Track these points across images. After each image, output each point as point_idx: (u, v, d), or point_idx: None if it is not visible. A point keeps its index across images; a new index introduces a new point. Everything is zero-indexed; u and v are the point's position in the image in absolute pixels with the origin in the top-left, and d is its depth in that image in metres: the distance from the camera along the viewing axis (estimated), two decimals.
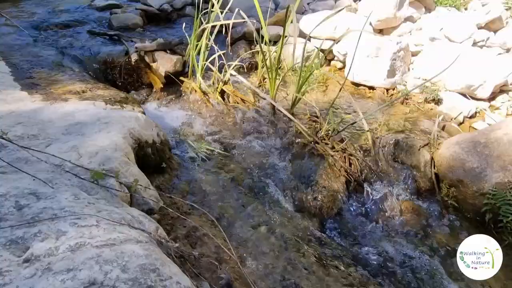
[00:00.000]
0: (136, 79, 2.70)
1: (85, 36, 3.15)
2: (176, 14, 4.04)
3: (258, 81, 2.91)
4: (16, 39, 3.01)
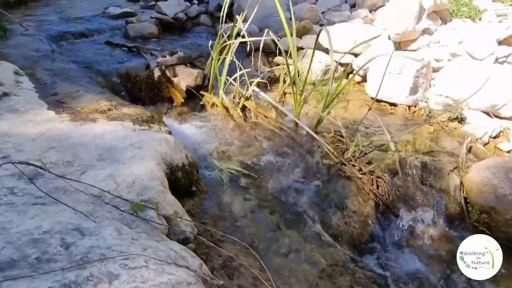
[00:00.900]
0: (157, 93, 2.68)
1: (103, 47, 3.13)
2: (190, 22, 4.03)
3: (279, 96, 2.89)
4: (35, 49, 2.99)
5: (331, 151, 2.17)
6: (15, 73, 2.30)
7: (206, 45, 3.55)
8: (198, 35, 3.81)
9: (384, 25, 3.50)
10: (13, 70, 2.32)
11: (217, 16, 4.19)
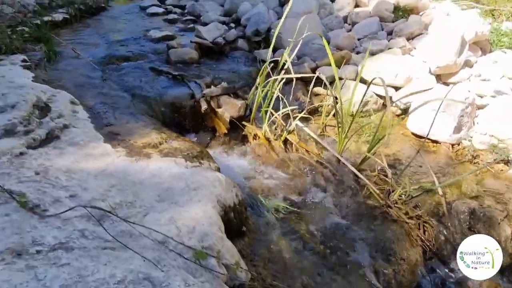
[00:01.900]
0: (201, 122, 2.75)
1: (148, 73, 3.23)
2: (228, 47, 4.11)
3: (320, 129, 2.91)
4: (84, 74, 3.11)
5: (377, 192, 2.17)
6: (72, 103, 2.41)
7: (244, 71, 3.65)
8: (236, 60, 3.88)
9: (424, 57, 3.49)
10: (69, 99, 2.42)
11: (255, 41, 4.29)
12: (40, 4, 4.66)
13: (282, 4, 4.74)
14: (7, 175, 1.56)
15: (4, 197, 1.43)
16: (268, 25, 4.28)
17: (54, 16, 4.53)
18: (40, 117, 2.08)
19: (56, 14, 4.61)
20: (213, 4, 5.44)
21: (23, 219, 1.37)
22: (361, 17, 4.56)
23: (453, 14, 4.58)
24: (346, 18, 4.73)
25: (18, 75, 2.72)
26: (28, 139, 1.83)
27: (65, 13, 4.72)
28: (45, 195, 1.52)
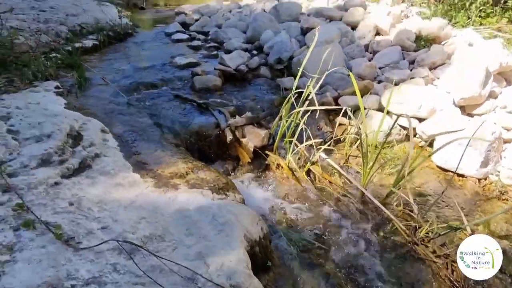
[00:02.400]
0: (225, 151, 2.79)
1: (174, 100, 3.31)
2: (251, 74, 4.19)
3: (343, 160, 2.91)
4: (112, 101, 3.22)
5: (402, 228, 2.14)
6: (102, 131, 2.49)
7: (267, 99, 3.70)
8: (258, 88, 3.94)
9: (448, 87, 3.48)
10: (100, 128, 2.51)
11: (277, 69, 4.37)
12: (72, 31, 4.88)
13: (304, 33, 4.83)
14: (43, 206, 1.62)
15: (41, 229, 1.49)
16: (290, 54, 4.36)
17: (85, 42, 4.73)
18: (73, 146, 2.16)
19: (86, 40, 4.81)
20: (235, 31, 5.59)
21: (59, 251, 1.41)
22: (383, 46, 4.60)
23: (476, 43, 4.57)
24: (368, 47, 4.78)
25: (52, 101, 2.84)
26: (62, 169, 1.89)
27: (94, 39, 4.92)
28: (79, 226, 1.57)
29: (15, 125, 2.20)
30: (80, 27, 5.14)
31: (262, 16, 5.22)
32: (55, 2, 6.37)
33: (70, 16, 5.46)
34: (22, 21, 4.57)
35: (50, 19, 5.00)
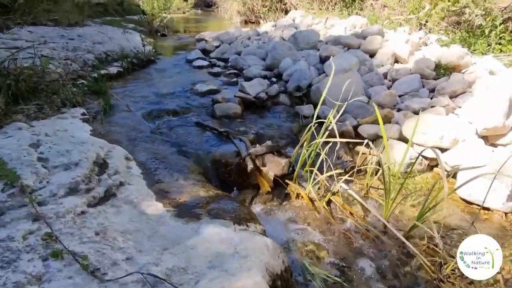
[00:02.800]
0: (245, 179, 2.80)
1: (195, 128, 3.38)
2: (270, 101, 4.25)
3: (364, 190, 2.88)
4: (135, 128, 3.31)
5: (427, 264, 2.08)
6: (126, 159, 2.55)
7: (286, 126, 3.73)
8: (278, 115, 3.99)
9: (470, 117, 3.43)
10: (124, 155, 2.57)
11: (296, 96, 4.42)
12: (98, 59, 5.08)
13: (322, 61, 4.90)
14: (70, 235, 1.65)
15: (68, 259, 1.51)
16: (309, 81, 4.42)
17: (110, 69, 4.91)
18: (99, 174, 2.21)
19: (111, 67, 5.00)
20: (255, 58, 5.71)
21: (85, 282, 1.43)
22: (402, 74, 4.61)
23: (497, 70, 4.54)
24: (386, 75, 4.80)
25: (79, 128, 2.93)
26: (89, 198, 1.94)
27: (119, 66, 5.11)
28: (104, 257, 1.59)
29: (45, 153, 2.28)
30: (106, 54, 5.35)
31: (281, 44, 5.33)
32: (82, 30, 6.69)
33: (97, 44, 5.70)
34: (52, 49, 4.79)
35: (78, 47, 5.23)
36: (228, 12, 14.96)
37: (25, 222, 1.65)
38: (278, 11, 12.78)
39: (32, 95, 3.31)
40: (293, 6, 12.36)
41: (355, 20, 8.01)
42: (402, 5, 8.89)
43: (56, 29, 6.54)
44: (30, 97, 3.28)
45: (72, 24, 7.41)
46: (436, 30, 7.37)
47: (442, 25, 7.38)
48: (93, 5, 11.31)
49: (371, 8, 10.41)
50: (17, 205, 1.74)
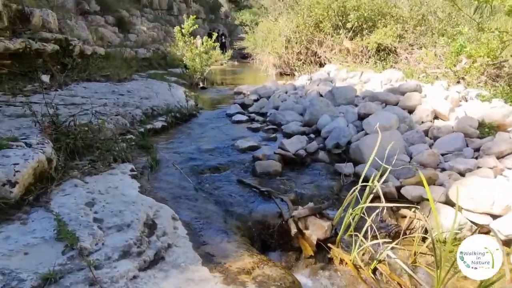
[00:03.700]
0: (287, 241, 2.78)
1: (236, 186, 3.45)
2: (309, 158, 4.28)
3: (411, 258, 2.77)
4: (179, 185, 3.42)
5: None
6: (173, 218, 2.63)
7: (327, 185, 3.72)
8: (317, 173, 4.00)
9: None
10: (171, 215, 2.65)
11: (335, 153, 4.44)
12: (145, 114, 5.41)
13: (361, 118, 4.94)
14: None
15: None
16: (348, 139, 4.44)
17: (155, 124, 5.19)
18: (148, 236, 2.28)
19: (156, 122, 5.29)
20: (292, 113, 5.85)
21: None
22: (443, 132, 4.55)
23: None
24: (427, 132, 4.75)
25: (128, 185, 3.07)
26: (140, 261, 2.00)
27: (163, 121, 5.39)
28: None
29: (99, 212, 2.41)
30: (152, 109, 5.69)
31: (319, 100, 5.46)
32: (131, 85, 7.19)
33: (144, 99, 6.09)
34: (104, 105, 5.16)
35: (127, 102, 5.60)
36: (264, 64, 15.57)
37: (82, 286, 1.72)
38: (312, 63, 13.16)
39: (86, 150, 3.55)
40: (327, 59, 12.71)
41: (391, 74, 8.11)
42: (438, 59, 8.94)
43: (108, 84, 7.09)
44: (84, 153, 3.51)
45: (122, 79, 8.01)
46: (475, 84, 7.29)
47: (481, 79, 7.31)
48: (139, 60, 12.20)
49: (405, 61, 10.53)
50: (75, 268, 1.83)
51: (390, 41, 10.58)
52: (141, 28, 16.13)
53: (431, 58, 8.66)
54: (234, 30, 31.20)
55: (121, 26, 14.38)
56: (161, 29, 19.48)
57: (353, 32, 11.79)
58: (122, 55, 10.68)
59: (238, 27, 30.43)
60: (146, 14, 20.21)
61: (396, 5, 11.81)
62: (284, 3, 16.20)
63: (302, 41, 13.17)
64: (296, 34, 13.15)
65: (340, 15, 11.96)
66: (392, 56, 10.94)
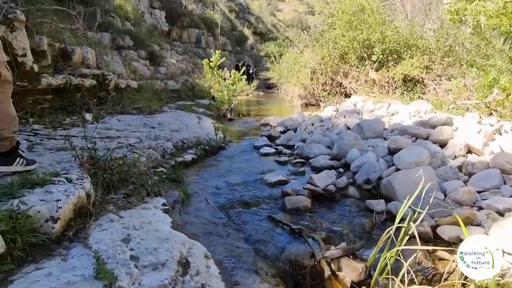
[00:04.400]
0: (320, 283, 2.72)
1: (267, 222, 3.44)
2: (339, 194, 4.23)
3: None
4: (210, 221, 3.44)
5: None
6: (205, 257, 2.64)
7: (358, 222, 3.65)
8: (348, 209, 3.93)
9: None
10: (203, 253, 2.66)
11: (365, 189, 4.37)
12: (176, 147, 5.55)
13: (391, 153, 4.88)
14: None
15: None
16: (378, 174, 4.38)
17: (185, 157, 5.30)
18: (182, 275, 2.30)
19: (187, 155, 5.40)
20: (320, 146, 5.85)
21: None
22: (478, 168, 4.41)
23: None
24: (461, 168, 4.62)
25: (161, 221, 3.12)
26: None
27: (193, 154, 5.51)
28: None
29: (135, 250, 2.45)
30: (182, 142, 5.83)
31: (347, 134, 5.45)
32: (161, 118, 7.44)
33: (174, 132, 6.27)
34: (137, 138, 5.35)
35: (159, 135, 5.78)
36: (289, 95, 15.77)
37: None
38: (338, 94, 13.22)
39: (121, 184, 3.66)
40: (353, 89, 12.74)
41: (419, 106, 8.02)
42: (468, 90, 8.79)
43: (140, 117, 7.36)
44: (119, 186, 3.62)
45: (152, 111, 8.31)
46: (508, 116, 7.09)
47: None
48: (168, 91, 12.66)
49: (433, 92, 10.40)
50: None
51: (417, 72, 10.53)
52: (170, 61, 16.83)
53: (461, 89, 8.53)
54: (259, 61, 32.02)
55: (152, 59, 15.06)
56: (190, 61, 20.25)
57: (378, 63, 11.83)
58: (152, 87, 11.12)
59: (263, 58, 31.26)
60: (176, 47, 21.14)
61: (422, 36, 11.82)
62: (309, 36, 16.56)
63: (327, 72, 13.31)
64: (321, 65, 13.32)
65: (365, 47, 12.07)
66: (419, 86, 10.85)
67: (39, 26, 6.64)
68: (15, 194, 2.45)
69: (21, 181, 2.68)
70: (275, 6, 59.17)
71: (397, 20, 13.86)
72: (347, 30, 12.27)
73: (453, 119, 6.48)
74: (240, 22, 36.85)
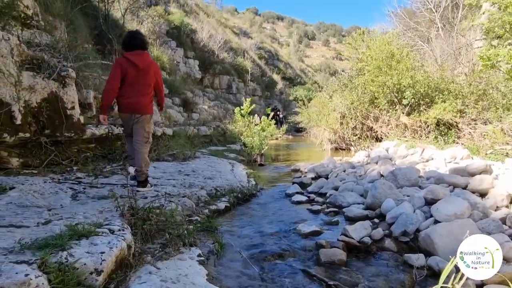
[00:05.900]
0: None
1: (301, 276, 3.39)
2: (375, 246, 4.12)
3: None
4: (243, 273, 3.43)
5: None
6: None
7: (396, 279, 3.52)
8: (385, 264, 3.81)
9: None
10: None
11: (402, 241, 4.24)
12: (209, 194, 5.66)
13: (428, 203, 4.75)
14: None
15: None
16: (416, 226, 4.25)
17: (218, 205, 5.38)
18: None
19: (220, 203, 5.48)
20: (353, 194, 5.78)
21: None
22: None
23: None
24: (505, 220, 4.40)
25: (197, 273, 3.16)
26: None
27: (226, 201, 5.58)
28: None
29: None
30: (216, 190, 5.94)
31: (381, 183, 5.37)
32: (195, 164, 7.65)
33: (207, 179, 6.41)
34: (173, 186, 5.52)
35: (193, 183, 5.94)
36: (318, 139, 15.80)
37: None
38: (369, 138, 13.13)
39: (157, 234, 3.76)
40: (384, 134, 12.63)
41: (455, 151, 7.83)
42: (507, 134, 8.51)
43: (174, 164, 7.61)
44: (156, 236, 3.72)
45: (186, 158, 8.57)
46: None
47: None
48: (201, 137, 13.05)
49: (469, 136, 10.14)
50: None
51: (451, 116, 10.36)
52: (202, 107, 17.51)
53: (499, 135, 8.29)
54: (288, 105, 32.62)
55: (186, 106, 15.75)
56: (221, 107, 20.97)
57: (410, 107, 11.77)
58: (186, 133, 11.54)
59: (292, 102, 31.87)
60: (208, 94, 22.06)
61: (454, 81, 11.75)
62: (338, 80, 16.85)
63: (357, 117, 13.33)
64: (350, 110, 13.39)
65: (395, 92, 12.11)
66: (454, 130, 10.62)
67: (86, 79, 7.23)
68: (64, 246, 2.59)
69: (69, 232, 2.84)
70: (303, 52, 61.11)
71: (427, 65, 13.92)
72: (376, 75, 12.40)
73: (492, 165, 6.26)
74: (270, 68, 38.18)
